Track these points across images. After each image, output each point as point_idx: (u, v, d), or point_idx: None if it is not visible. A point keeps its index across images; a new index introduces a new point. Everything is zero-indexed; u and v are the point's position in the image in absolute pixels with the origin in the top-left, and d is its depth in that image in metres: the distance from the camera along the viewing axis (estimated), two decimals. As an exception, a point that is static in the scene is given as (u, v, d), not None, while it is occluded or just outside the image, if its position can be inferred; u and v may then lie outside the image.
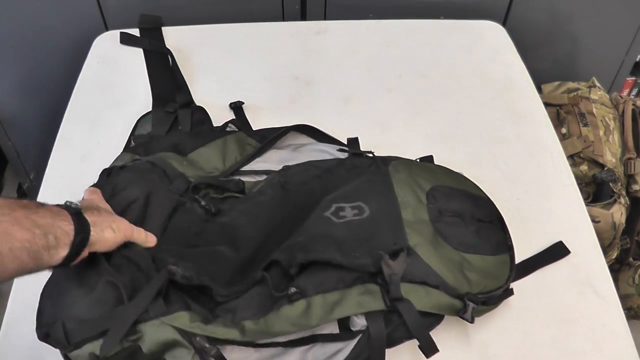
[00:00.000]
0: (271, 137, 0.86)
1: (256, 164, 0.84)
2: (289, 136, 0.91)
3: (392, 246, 0.70)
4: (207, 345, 0.63)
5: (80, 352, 0.63)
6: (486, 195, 0.81)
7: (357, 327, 0.67)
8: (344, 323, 0.68)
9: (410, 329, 0.66)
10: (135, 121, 0.95)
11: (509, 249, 0.76)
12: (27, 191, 1.49)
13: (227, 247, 0.74)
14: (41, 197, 0.87)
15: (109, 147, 0.80)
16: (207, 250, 0.73)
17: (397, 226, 0.73)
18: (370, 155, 0.85)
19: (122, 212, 0.71)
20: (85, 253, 0.61)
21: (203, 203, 0.78)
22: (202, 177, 0.81)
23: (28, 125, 1.33)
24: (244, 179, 0.83)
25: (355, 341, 0.67)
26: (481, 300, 0.69)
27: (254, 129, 0.94)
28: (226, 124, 0.92)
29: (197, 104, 0.99)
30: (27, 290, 0.75)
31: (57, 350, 0.69)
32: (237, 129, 0.92)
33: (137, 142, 0.89)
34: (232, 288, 0.68)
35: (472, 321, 0.69)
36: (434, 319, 0.70)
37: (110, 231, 0.64)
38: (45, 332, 0.63)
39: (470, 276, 0.71)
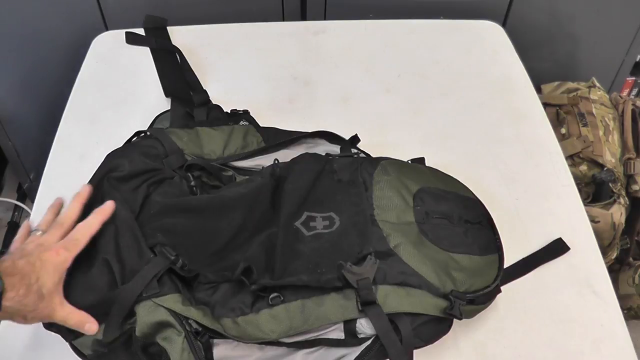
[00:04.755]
0: (276, 143, 0.85)
1: (254, 161, 0.84)
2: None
3: (356, 255, 0.69)
4: (199, 329, 0.63)
5: (83, 340, 0.64)
6: (476, 197, 0.80)
7: (362, 334, 0.67)
8: (349, 329, 0.67)
9: (377, 333, 0.65)
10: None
11: (498, 249, 0.75)
12: (27, 191, 1.50)
13: (209, 219, 0.73)
14: (40, 197, 0.87)
15: (108, 147, 0.80)
16: (187, 222, 0.72)
17: (364, 233, 0.72)
18: (356, 155, 0.84)
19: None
20: None
21: (192, 183, 0.78)
22: (199, 159, 0.80)
23: (28, 125, 1.33)
24: (239, 176, 0.83)
25: (361, 348, 0.66)
26: (468, 298, 0.69)
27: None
28: (240, 118, 0.92)
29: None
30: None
31: (54, 351, 0.70)
32: (247, 123, 0.91)
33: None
34: (209, 268, 0.69)
35: (460, 317, 0.68)
36: (438, 327, 0.69)
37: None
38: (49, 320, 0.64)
39: (456, 275, 0.70)
